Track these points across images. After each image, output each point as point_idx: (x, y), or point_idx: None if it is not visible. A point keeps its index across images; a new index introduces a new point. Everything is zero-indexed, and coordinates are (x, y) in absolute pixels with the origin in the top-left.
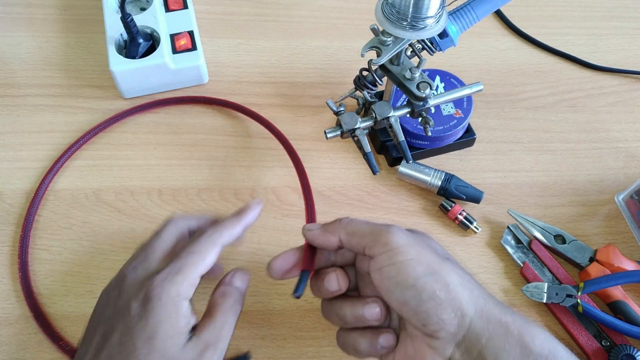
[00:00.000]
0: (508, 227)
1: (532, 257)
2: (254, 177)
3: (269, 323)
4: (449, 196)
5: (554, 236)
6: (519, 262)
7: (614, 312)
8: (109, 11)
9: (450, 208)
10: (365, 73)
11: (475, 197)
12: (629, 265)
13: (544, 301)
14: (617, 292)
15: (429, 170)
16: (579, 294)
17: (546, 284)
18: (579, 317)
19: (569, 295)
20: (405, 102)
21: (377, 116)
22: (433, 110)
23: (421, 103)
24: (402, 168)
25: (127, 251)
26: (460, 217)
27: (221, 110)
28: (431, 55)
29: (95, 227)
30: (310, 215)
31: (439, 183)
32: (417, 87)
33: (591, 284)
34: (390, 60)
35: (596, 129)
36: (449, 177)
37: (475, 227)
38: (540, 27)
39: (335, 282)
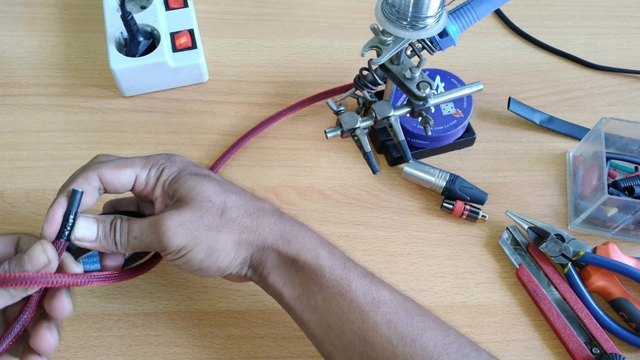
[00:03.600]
0: (507, 229)
1: (529, 259)
2: (254, 176)
3: (269, 323)
4: (454, 197)
5: (554, 235)
6: (515, 264)
7: (616, 310)
8: (109, 9)
9: (452, 207)
10: (365, 72)
11: (479, 199)
12: (629, 262)
13: (531, 240)
14: (618, 290)
15: (434, 171)
16: (574, 258)
17: (552, 234)
18: (571, 322)
19: (564, 255)
20: (405, 102)
21: (377, 116)
22: (433, 109)
23: (421, 103)
24: (407, 168)
25: None
26: (466, 211)
27: (221, 110)
28: (431, 54)
29: None
30: None
31: (444, 184)
32: (417, 86)
33: (590, 257)
34: (391, 60)
35: None
36: (453, 178)
37: (482, 216)
38: (540, 27)
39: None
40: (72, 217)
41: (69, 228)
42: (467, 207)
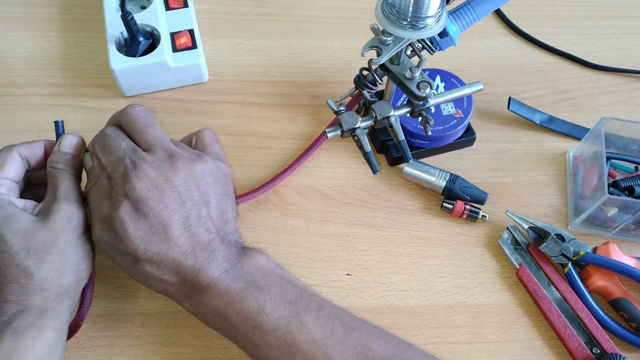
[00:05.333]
0: (507, 228)
1: (530, 259)
2: (254, 176)
3: None
4: (454, 197)
5: (554, 235)
6: (515, 264)
7: (616, 310)
8: (110, 9)
9: (453, 207)
10: (365, 72)
11: (479, 199)
12: (629, 262)
13: (532, 240)
14: (618, 290)
15: (434, 171)
16: (574, 258)
17: (552, 234)
18: (571, 322)
19: (564, 255)
20: (405, 102)
21: (377, 116)
22: (433, 109)
23: (421, 102)
24: (407, 168)
25: None
26: (466, 211)
27: (221, 110)
28: (431, 54)
29: None
30: None
31: (444, 184)
32: (417, 86)
33: (590, 257)
34: (391, 60)
35: None
36: (453, 178)
37: (482, 216)
38: (541, 27)
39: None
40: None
41: None
42: (467, 207)
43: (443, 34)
